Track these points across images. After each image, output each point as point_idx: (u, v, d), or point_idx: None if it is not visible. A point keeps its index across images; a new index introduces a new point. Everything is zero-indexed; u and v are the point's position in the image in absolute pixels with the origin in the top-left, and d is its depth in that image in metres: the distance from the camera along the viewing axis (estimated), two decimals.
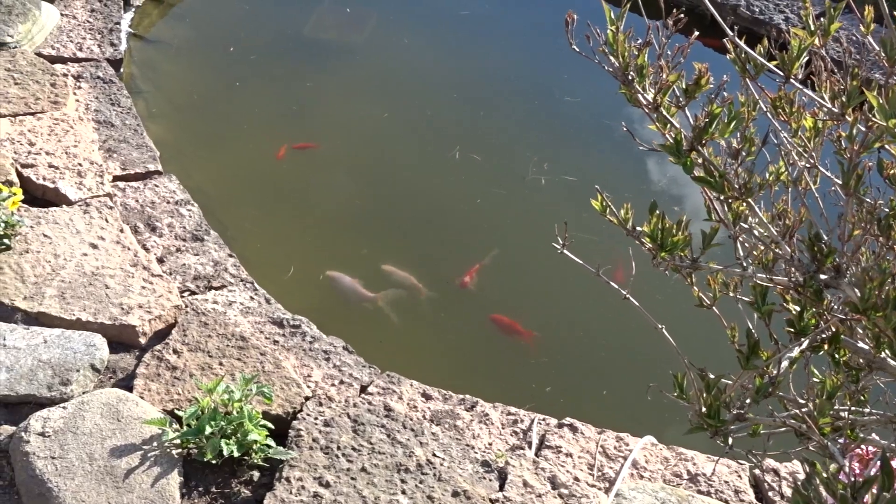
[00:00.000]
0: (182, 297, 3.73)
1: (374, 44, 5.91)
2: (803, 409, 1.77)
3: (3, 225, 3.69)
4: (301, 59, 5.73)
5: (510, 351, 4.03)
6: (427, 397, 3.52)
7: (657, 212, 1.54)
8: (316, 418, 3.25)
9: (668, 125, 1.62)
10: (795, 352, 1.62)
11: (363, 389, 3.52)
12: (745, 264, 1.63)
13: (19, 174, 4.11)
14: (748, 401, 1.63)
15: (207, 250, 4.02)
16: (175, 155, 4.78)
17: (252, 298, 3.82)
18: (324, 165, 4.93)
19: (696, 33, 1.49)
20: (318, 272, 4.30)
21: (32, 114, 4.51)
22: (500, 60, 5.94)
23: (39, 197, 4.12)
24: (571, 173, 5.02)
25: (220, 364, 3.40)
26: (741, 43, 1.72)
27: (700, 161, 1.45)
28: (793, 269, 1.52)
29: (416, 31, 6.03)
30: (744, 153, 1.62)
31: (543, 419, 3.48)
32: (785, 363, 1.64)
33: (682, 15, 1.47)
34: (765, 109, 1.84)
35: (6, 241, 3.71)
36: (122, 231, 3.94)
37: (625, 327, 4.08)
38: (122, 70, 5.19)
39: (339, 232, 4.60)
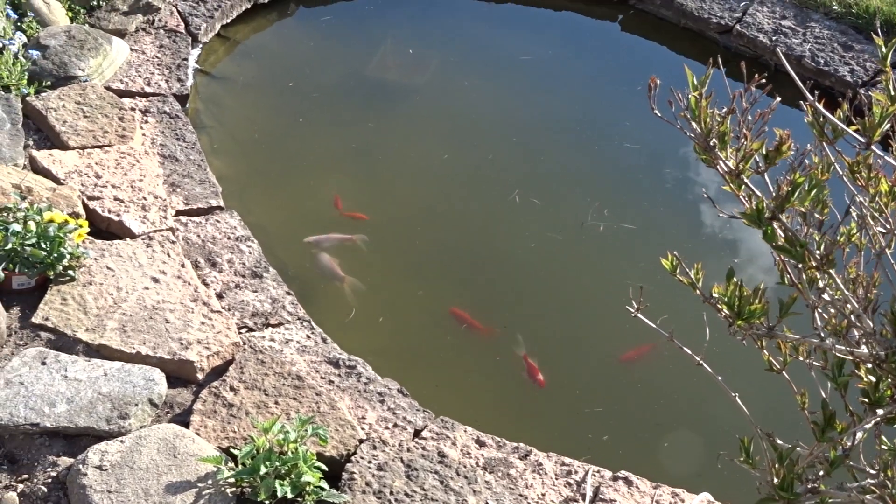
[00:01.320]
0: (240, 333, 3.76)
1: (435, 86, 5.94)
2: (875, 481, 1.73)
3: (68, 257, 3.75)
4: (363, 98, 5.78)
5: (566, 399, 3.99)
6: (481, 444, 3.50)
7: (734, 279, 1.52)
8: (370, 462, 3.24)
9: (743, 188, 1.60)
10: (871, 423, 1.58)
11: (417, 433, 3.50)
12: (822, 335, 1.60)
13: (85, 206, 4.18)
14: (821, 472, 1.59)
15: (266, 287, 4.04)
16: (236, 190, 4.83)
17: (308, 337, 3.83)
18: (382, 205, 4.94)
19: (778, 99, 1.48)
20: (375, 313, 4.31)
21: (100, 147, 4.59)
22: (560, 105, 5.94)
23: (104, 229, 4.19)
24: (630, 220, 4.98)
25: (276, 403, 3.41)
26: (820, 107, 1.70)
27: (781, 230, 1.43)
28: (873, 342, 1.49)
29: (477, 74, 6.06)
30: (819, 219, 1.59)
31: (598, 471, 3.44)
32: (859, 434, 1.61)
33: (765, 80, 1.45)
34: (840, 172, 1.81)
35: (71, 272, 3.77)
36: (183, 266, 3.98)
37: (684, 378, 4.02)
38: (187, 105, 5.28)
39: (396, 272, 4.61)
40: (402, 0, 6.71)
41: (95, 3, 5.59)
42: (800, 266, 1.51)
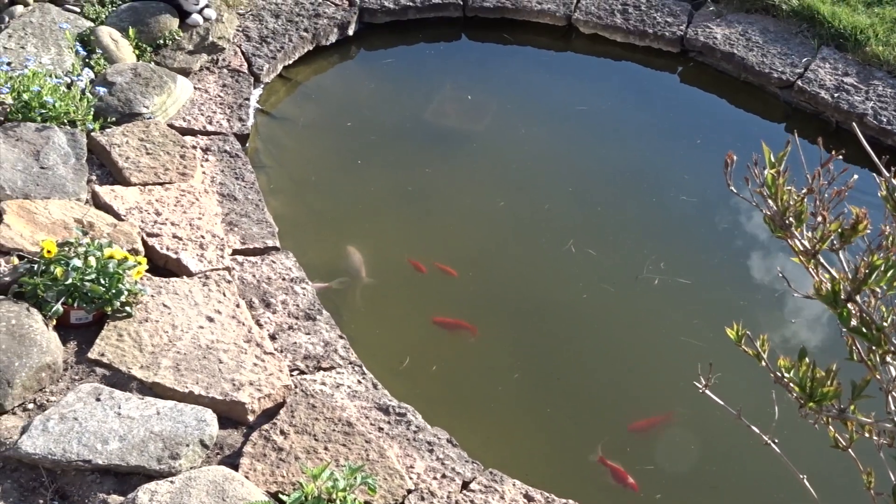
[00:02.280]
0: (291, 376, 3.76)
1: (492, 133, 5.95)
2: None
3: (126, 293, 3.79)
4: (420, 142, 5.81)
5: (617, 455, 3.93)
6: (529, 499, 3.46)
7: (806, 359, 1.49)
8: None
9: (814, 264, 1.57)
10: None
11: (465, 485, 3.48)
12: (895, 419, 1.56)
13: (144, 243, 4.23)
14: None
15: (319, 330, 4.05)
16: (291, 231, 4.86)
17: (360, 382, 3.83)
18: (436, 251, 4.94)
19: (855, 177, 1.46)
20: (427, 361, 4.30)
21: (161, 184, 4.65)
22: (617, 156, 5.92)
23: (161, 266, 4.23)
24: (685, 275, 4.93)
25: (326, 449, 3.40)
26: (893, 180, 1.67)
27: (856, 311, 1.41)
28: None
29: (534, 122, 6.06)
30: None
31: None
32: None
33: (840, 155, 1.43)
34: None
35: (128, 308, 3.81)
36: (238, 306, 4.00)
37: (740, 439, 3.94)
38: (247, 144, 5.33)
39: (447, 316, 4.59)
40: (463, 46, 6.75)
41: (162, 41, 5.70)
42: (874, 348, 1.48)
